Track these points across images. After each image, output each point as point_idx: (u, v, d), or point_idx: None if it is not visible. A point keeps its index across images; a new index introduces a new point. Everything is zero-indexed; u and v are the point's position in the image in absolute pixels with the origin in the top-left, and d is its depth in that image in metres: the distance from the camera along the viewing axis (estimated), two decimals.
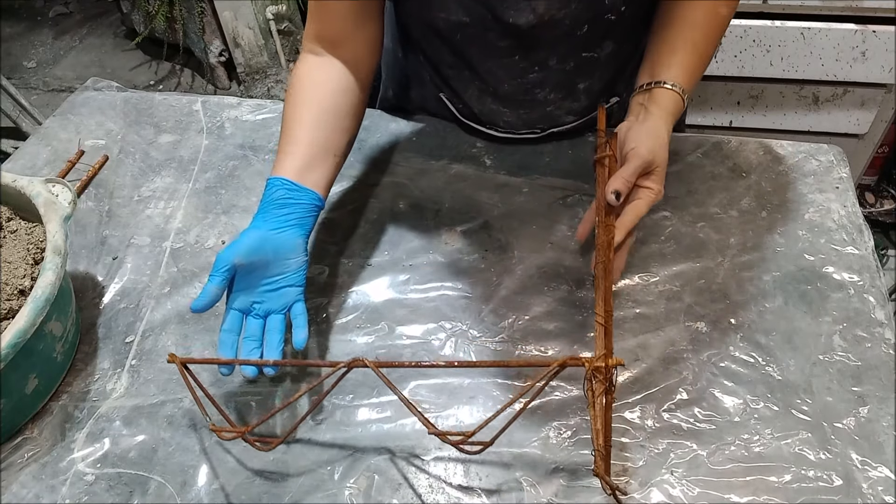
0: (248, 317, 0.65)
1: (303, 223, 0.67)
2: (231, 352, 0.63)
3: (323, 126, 0.71)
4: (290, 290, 0.66)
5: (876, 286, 0.73)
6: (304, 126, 0.70)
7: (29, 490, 0.63)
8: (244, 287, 0.65)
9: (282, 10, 2.41)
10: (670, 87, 0.69)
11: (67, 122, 0.99)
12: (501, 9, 0.69)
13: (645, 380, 0.67)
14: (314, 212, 0.69)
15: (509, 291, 0.75)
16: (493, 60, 0.77)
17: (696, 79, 0.72)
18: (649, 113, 0.69)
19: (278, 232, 0.65)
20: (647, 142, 0.65)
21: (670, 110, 0.69)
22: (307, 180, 0.68)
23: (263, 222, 0.66)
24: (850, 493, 0.59)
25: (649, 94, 0.70)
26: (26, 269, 0.67)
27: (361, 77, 0.75)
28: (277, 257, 0.65)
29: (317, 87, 0.72)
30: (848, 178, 0.84)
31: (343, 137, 0.73)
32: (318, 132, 0.70)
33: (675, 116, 0.70)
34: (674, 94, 0.69)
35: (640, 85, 0.71)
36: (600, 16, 0.70)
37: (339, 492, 0.61)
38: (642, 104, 0.70)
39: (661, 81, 0.69)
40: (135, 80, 2.63)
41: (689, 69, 0.71)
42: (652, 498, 0.59)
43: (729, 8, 0.72)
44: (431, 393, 0.68)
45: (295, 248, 0.66)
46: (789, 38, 1.41)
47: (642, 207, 0.65)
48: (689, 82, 0.71)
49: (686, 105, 0.72)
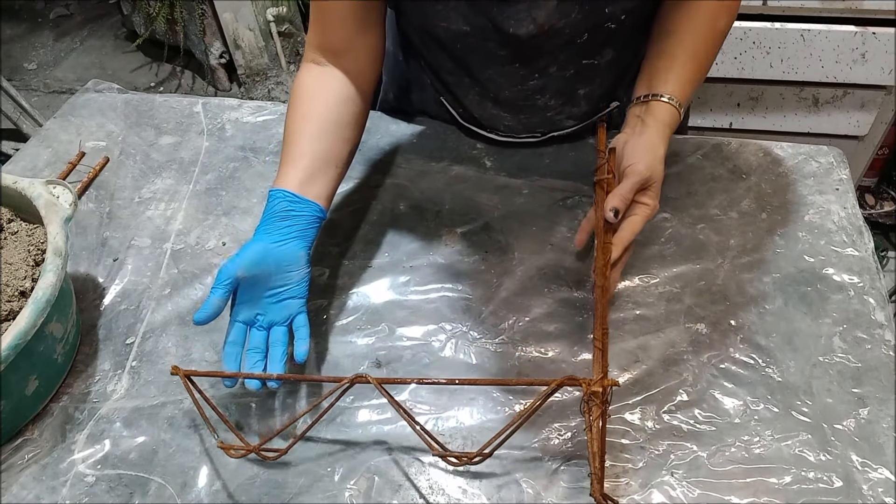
0: (252, 328, 0.66)
1: (304, 235, 0.67)
2: (235, 364, 0.64)
3: (325, 137, 0.71)
4: (293, 301, 0.66)
5: (876, 288, 0.73)
6: (305, 137, 0.70)
7: (29, 491, 0.63)
8: (247, 299, 0.65)
9: (282, 12, 2.41)
10: (667, 101, 0.70)
11: (68, 123, 1.00)
12: (501, 19, 0.69)
13: (645, 381, 0.67)
14: (316, 223, 0.69)
15: (509, 293, 0.75)
16: (493, 68, 0.77)
17: (694, 89, 0.73)
18: (646, 126, 0.69)
19: (280, 244, 0.66)
20: (644, 158, 0.66)
21: (667, 122, 0.70)
22: (309, 192, 0.68)
23: (265, 235, 0.66)
24: (850, 494, 0.59)
25: (646, 107, 0.71)
26: (27, 271, 0.67)
27: (363, 87, 0.75)
28: (279, 269, 0.65)
29: (318, 98, 0.73)
30: (848, 179, 0.84)
31: (345, 148, 0.73)
32: (320, 143, 0.71)
33: (671, 129, 0.70)
34: (671, 108, 0.70)
35: (638, 97, 0.72)
36: (600, 25, 0.71)
37: (340, 493, 0.61)
38: (639, 116, 0.71)
39: (658, 94, 0.70)
40: (135, 81, 2.63)
41: (687, 81, 0.71)
42: (652, 499, 0.59)
43: (727, 20, 0.72)
44: (432, 394, 0.68)
45: (297, 260, 0.66)
46: (789, 40, 1.41)
47: (638, 223, 0.66)
48: (686, 94, 0.72)
49: (684, 110, 0.72)
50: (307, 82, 0.74)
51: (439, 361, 0.70)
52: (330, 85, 0.73)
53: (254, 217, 0.85)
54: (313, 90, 0.73)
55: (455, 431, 0.65)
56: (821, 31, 1.39)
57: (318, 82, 0.73)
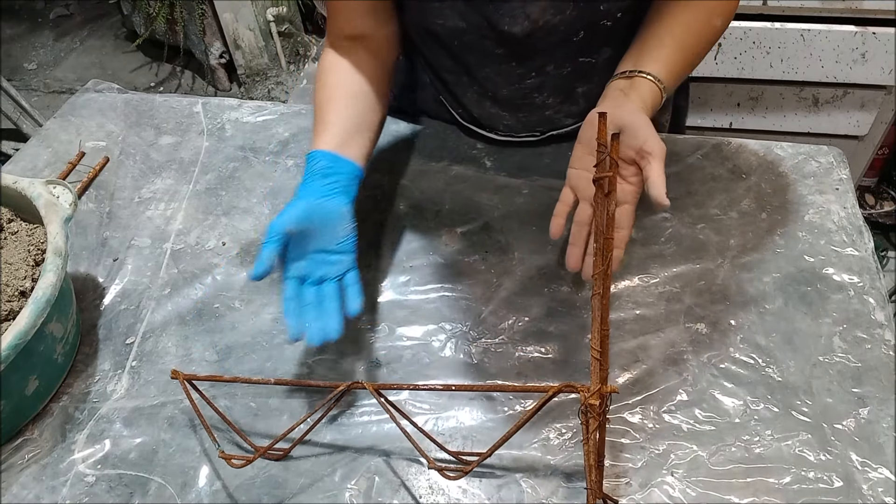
0: (304, 285, 0.66)
1: (347, 191, 0.69)
2: (296, 318, 0.64)
3: (355, 104, 0.74)
4: (341, 257, 0.66)
5: (876, 287, 0.73)
6: (337, 105, 0.73)
7: (29, 491, 0.63)
8: (297, 256, 0.66)
9: (282, 12, 2.41)
10: (652, 79, 0.67)
11: (68, 123, 1.00)
12: (496, 16, 0.69)
13: (645, 381, 0.67)
14: (356, 181, 0.70)
15: (509, 292, 0.75)
16: (490, 67, 0.77)
17: (678, 79, 0.71)
18: (629, 99, 0.66)
19: (325, 200, 0.67)
20: (651, 132, 0.63)
21: (648, 102, 0.67)
22: (346, 153, 0.70)
23: (309, 193, 0.67)
24: (850, 494, 0.59)
25: (630, 82, 0.68)
26: (27, 271, 0.67)
27: (385, 64, 0.78)
28: (325, 225, 0.66)
29: (345, 72, 0.75)
30: (848, 179, 0.84)
31: (375, 116, 0.75)
32: (352, 109, 0.73)
33: (652, 111, 0.67)
34: (654, 87, 0.67)
35: (623, 71, 0.69)
36: (595, 23, 0.70)
37: (340, 493, 0.61)
38: (622, 90, 0.68)
39: (644, 71, 0.68)
40: (135, 81, 2.63)
41: (674, 68, 0.69)
42: (652, 499, 0.59)
43: (723, 20, 0.71)
44: (432, 394, 0.68)
45: (342, 215, 0.67)
46: (789, 40, 1.41)
47: (632, 213, 0.64)
48: (671, 80, 0.69)
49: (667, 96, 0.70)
50: (331, 59, 0.76)
51: (439, 361, 0.70)
52: (353, 59, 0.76)
53: (254, 217, 0.85)
54: (338, 65, 0.75)
55: (455, 431, 0.65)
56: (821, 30, 1.39)
57: (343, 60, 0.76)
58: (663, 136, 0.74)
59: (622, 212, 0.64)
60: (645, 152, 0.62)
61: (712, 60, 1.48)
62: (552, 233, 0.68)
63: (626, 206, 0.64)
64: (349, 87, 0.75)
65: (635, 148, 0.63)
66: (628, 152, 0.63)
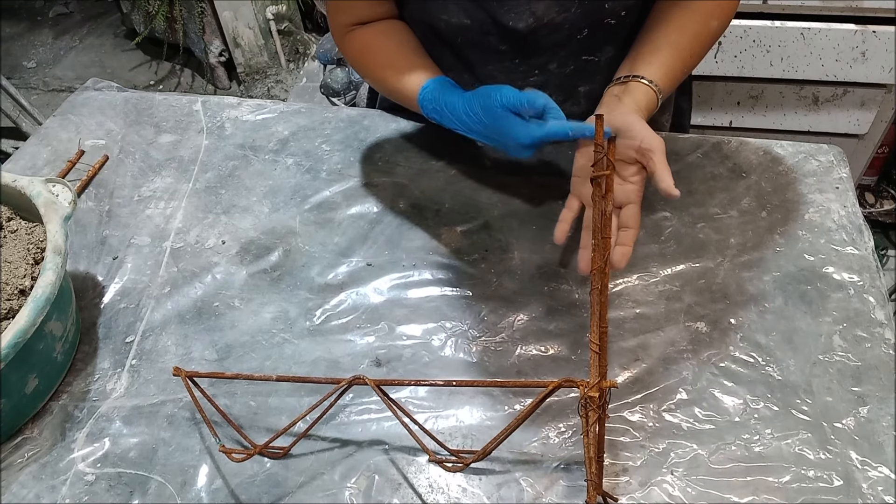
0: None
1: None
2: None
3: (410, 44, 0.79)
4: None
5: (876, 286, 0.73)
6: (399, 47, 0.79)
7: (29, 490, 0.63)
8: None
9: (282, 10, 2.41)
10: (647, 83, 0.68)
11: (67, 122, 0.99)
12: (501, 12, 0.69)
13: (645, 380, 0.67)
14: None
15: (509, 291, 0.75)
16: (493, 64, 0.77)
17: (675, 81, 0.72)
18: (622, 103, 0.67)
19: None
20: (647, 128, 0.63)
21: (642, 104, 0.68)
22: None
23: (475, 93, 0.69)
24: (849, 493, 0.59)
25: (625, 87, 0.69)
26: (26, 269, 0.67)
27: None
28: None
29: (379, 32, 0.79)
30: (848, 178, 0.84)
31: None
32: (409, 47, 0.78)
33: (647, 112, 0.68)
34: (649, 91, 0.68)
35: (618, 77, 0.70)
36: (600, 21, 0.70)
37: (340, 491, 0.61)
38: (617, 96, 0.69)
39: (638, 75, 0.69)
40: (135, 80, 2.63)
41: (670, 71, 0.70)
42: (652, 498, 0.59)
43: (720, 22, 0.71)
44: (432, 392, 0.68)
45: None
46: (789, 39, 1.41)
47: (637, 210, 0.65)
48: (667, 82, 0.70)
49: (663, 99, 0.71)
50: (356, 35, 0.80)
51: (439, 360, 0.70)
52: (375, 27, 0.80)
53: (253, 215, 0.85)
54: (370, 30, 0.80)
55: (455, 430, 0.65)
56: (821, 29, 1.39)
57: (365, 29, 0.80)
58: (663, 136, 0.74)
59: (628, 211, 0.65)
60: (644, 149, 0.62)
61: (712, 59, 1.48)
62: (556, 238, 0.69)
63: (632, 206, 0.65)
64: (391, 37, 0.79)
65: (634, 147, 0.64)
66: (628, 152, 0.64)
